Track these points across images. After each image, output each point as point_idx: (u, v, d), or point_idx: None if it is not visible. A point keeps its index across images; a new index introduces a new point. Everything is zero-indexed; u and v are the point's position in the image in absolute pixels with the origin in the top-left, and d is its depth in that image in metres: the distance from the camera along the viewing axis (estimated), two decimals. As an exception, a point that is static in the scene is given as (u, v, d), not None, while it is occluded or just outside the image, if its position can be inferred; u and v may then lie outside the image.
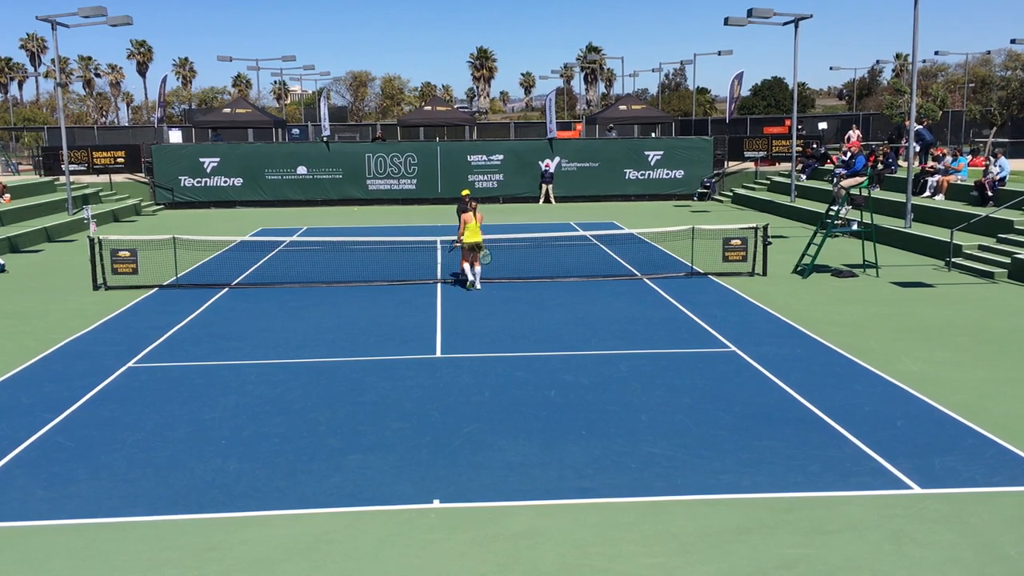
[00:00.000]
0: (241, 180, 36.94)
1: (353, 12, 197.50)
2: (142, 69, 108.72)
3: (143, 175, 37.50)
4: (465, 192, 20.97)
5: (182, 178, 36.75)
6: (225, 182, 36.97)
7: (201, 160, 36.88)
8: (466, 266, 18.20)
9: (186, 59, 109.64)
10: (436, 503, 8.14)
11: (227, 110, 47.23)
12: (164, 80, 41.82)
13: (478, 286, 18.15)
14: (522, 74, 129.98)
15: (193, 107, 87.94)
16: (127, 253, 19.07)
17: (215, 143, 39.52)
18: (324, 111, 41.35)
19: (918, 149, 27.20)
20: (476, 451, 9.36)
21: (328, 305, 16.90)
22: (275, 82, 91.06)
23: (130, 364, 12.92)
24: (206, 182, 36.92)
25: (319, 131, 41.75)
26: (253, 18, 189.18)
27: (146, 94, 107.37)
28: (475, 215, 18.10)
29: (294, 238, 24.06)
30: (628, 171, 37.83)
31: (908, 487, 8.35)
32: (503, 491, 8.37)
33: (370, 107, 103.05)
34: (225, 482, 8.65)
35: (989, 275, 18.76)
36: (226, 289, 18.58)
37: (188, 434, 9.99)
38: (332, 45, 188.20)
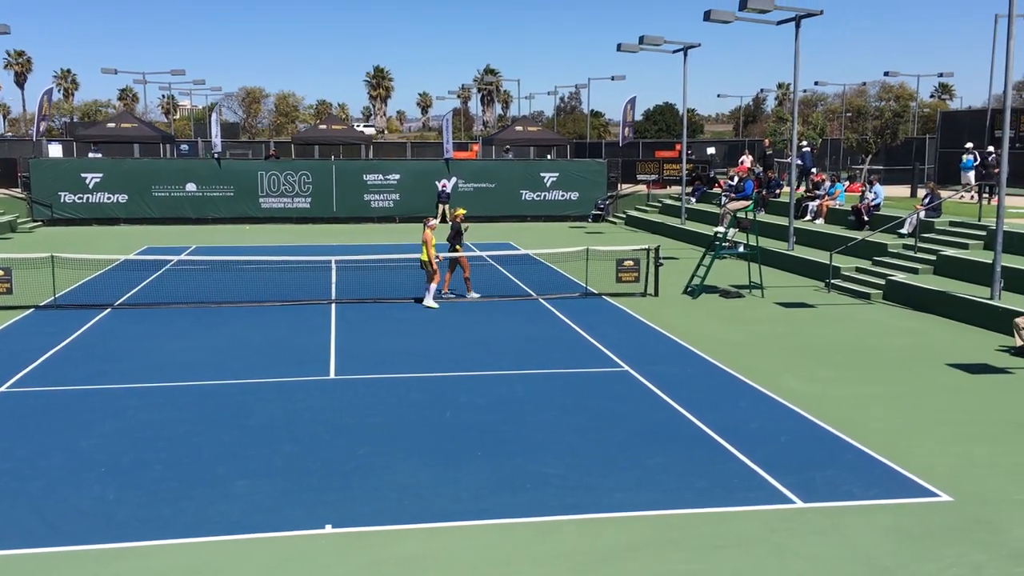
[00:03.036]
0: (126, 196, 35.62)
1: (246, 27, 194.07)
2: (20, 80, 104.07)
3: (20, 190, 35.77)
4: (460, 212, 20.47)
5: (62, 194, 35.20)
6: (109, 198, 35.59)
7: (83, 175, 35.43)
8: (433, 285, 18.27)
9: (68, 71, 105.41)
10: (328, 528, 7.97)
11: (112, 124, 45.63)
12: (48, 93, 40.10)
13: (433, 305, 18.15)
14: (419, 94, 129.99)
15: (75, 120, 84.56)
16: (1, 272, 18.12)
17: (94, 159, 38.00)
18: (215, 127, 40.39)
19: (798, 170, 28.55)
20: (369, 474, 9.22)
21: (217, 326, 16.43)
22: (163, 96, 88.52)
23: (1, 389, 12.24)
24: (88, 198, 35.47)
25: (210, 147, 40.74)
26: (140, 30, 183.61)
27: (24, 106, 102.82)
28: (428, 232, 18.09)
29: (182, 257, 23.34)
30: (524, 192, 38.19)
31: (791, 501, 8.63)
32: (397, 514, 8.26)
33: (263, 124, 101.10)
34: (104, 511, 8.26)
35: (866, 296, 19.65)
36: (108, 310, 17.85)
37: (64, 462, 9.52)
38: (224, 60, 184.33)
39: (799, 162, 31.96)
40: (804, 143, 34.00)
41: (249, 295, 19.23)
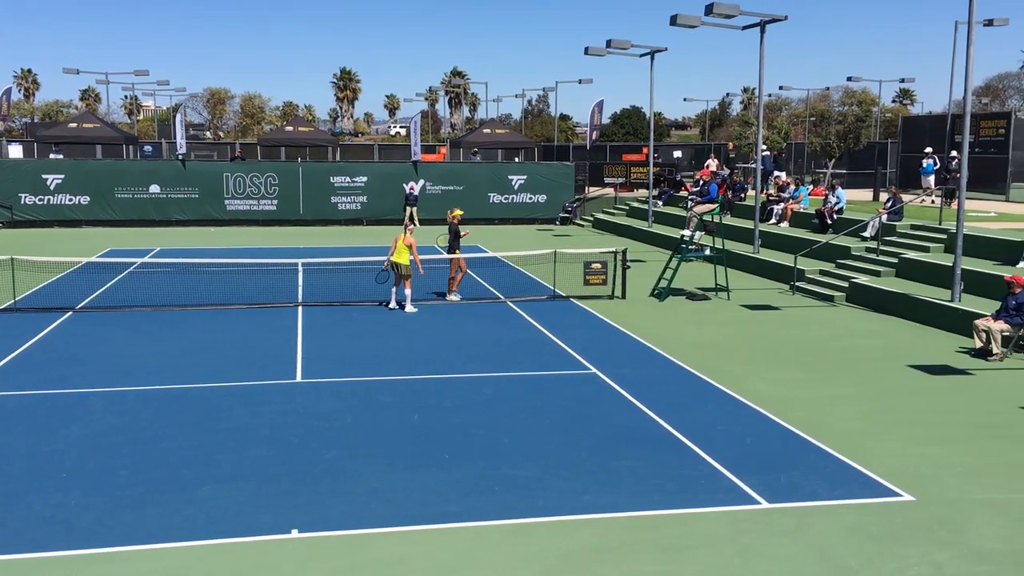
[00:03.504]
0: (88, 198, 35.11)
1: (211, 28, 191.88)
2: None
3: (-22, 191, 35.12)
4: (458, 212, 20.47)
5: (22, 195, 34.61)
6: (70, 200, 35.06)
7: (44, 177, 34.86)
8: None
9: (29, 70, 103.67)
10: (295, 533, 7.92)
11: (73, 124, 45.05)
12: (8, 92, 39.45)
13: (404, 308, 18.11)
14: (387, 96, 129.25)
15: (36, 121, 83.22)
16: (-41, 274, 17.80)
17: (55, 160, 37.43)
18: (180, 128, 39.96)
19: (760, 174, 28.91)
20: (338, 478, 9.18)
21: (182, 329, 16.26)
22: (126, 97, 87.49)
23: (-39, 394, 12.03)
24: (49, 200, 34.92)
25: (174, 148, 40.30)
26: (103, 30, 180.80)
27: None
28: (405, 237, 17.97)
29: (146, 259, 23.07)
30: (492, 195, 38.21)
31: (757, 502, 8.72)
32: (365, 518, 8.24)
33: (229, 125, 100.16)
34: (67, 518, 8.15)
35: (829, 298, 19.91)
36: (70, 313, 17.60)
37: (26, 468, 9.37)
38: (189, 61, 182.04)
39: (761, 166, 32.34)
40: (764, 147, 34.40)
41: (215, 298, 19.06)
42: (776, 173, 32.39)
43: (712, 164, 36.39)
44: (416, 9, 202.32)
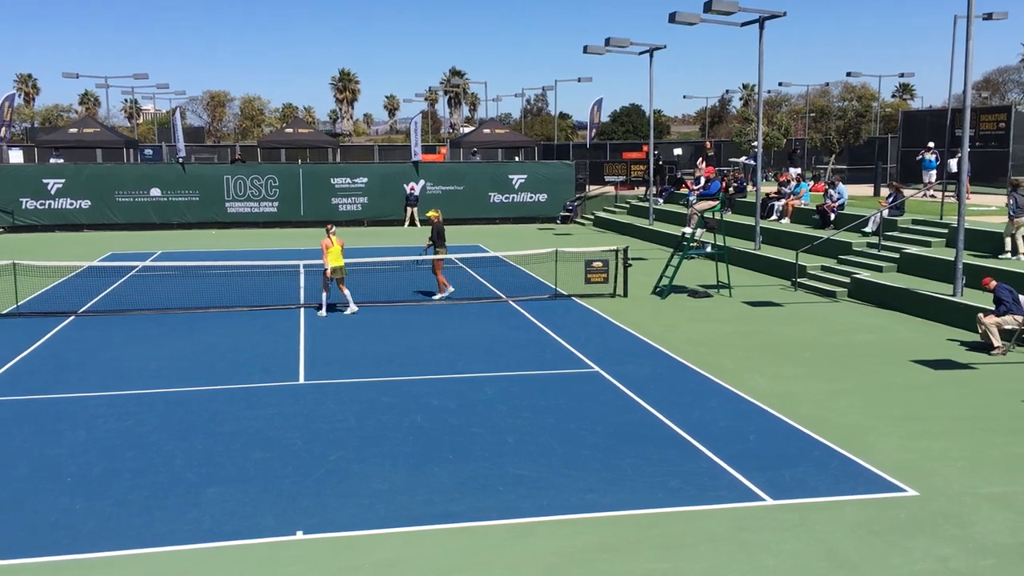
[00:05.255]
0: (89, 202, 35.17)
1: (210, 31, 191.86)
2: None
3: (-21, 197, 35.18)
4: (432, 213, 20.40)
5: (23, 200, 34.66)
6: (71, 204, 35.11)
7: (45, 181, 34.90)
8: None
9: (29, 75, 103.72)
10: (299, 535, 7.93)
11: (74, 129, 45.06)
12: (10, 98, 39.42)
13: (347, 310, 17.93)
14: (386, 97, 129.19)
15: (36, 126, 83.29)
16: (-39, 280, 17.82)
17: (55, 164, 37.46)
18: (179, 131, 40.00)
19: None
20: (341, 479, 9.19)
21: (184, 332, 16.28)
22: (126, 101, 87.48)
23: (-36, 399, 12.05)
24: (50, 204, 34.96)
25: (174, 152, 40.33)
26: (101, 34, 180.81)
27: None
28: (334, 239, 17.85)
29: (147, 263, 23.07)
30: (492, 194, 38.21)
31: (761, 499, 8.72)
32: (369, 519, 8.25)
33: (229, 128, 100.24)
34: (72, 522, 8.17)
35: (831, 294, 19.90)
36: (72, 317, 17.62)
37: (30, 472, 9.39)
38: (188, 64, 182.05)
39: (752, 162, 32.34)
40: (754, 144, 34.39)
41: (216, 301, 19.08)
42: (791, 169, 32.38)
43: (702, 164, 36.31)
44: (415, 9, 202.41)
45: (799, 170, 32.45)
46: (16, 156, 43.69)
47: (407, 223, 36.96)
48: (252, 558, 7.53)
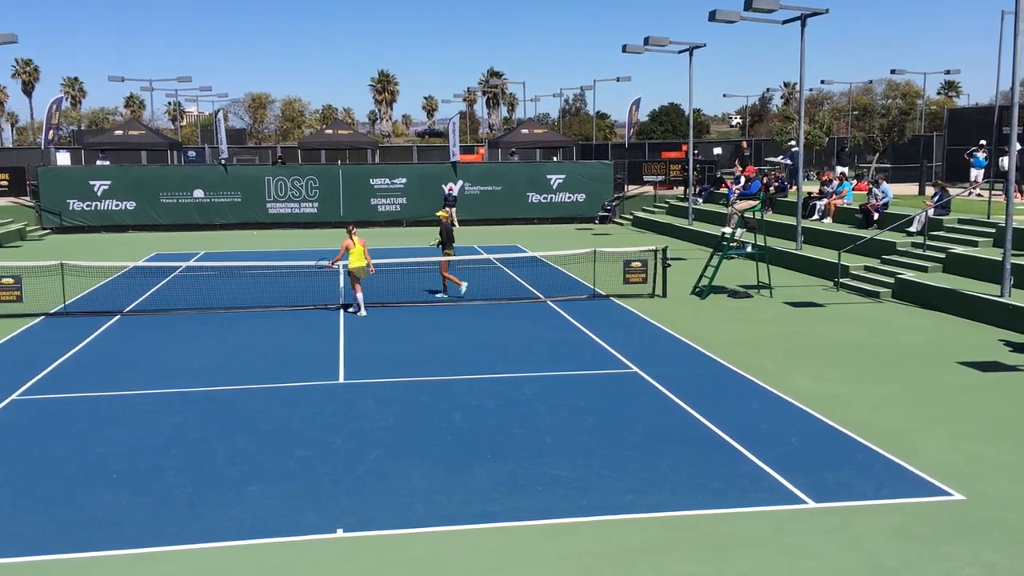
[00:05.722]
0: (134, 203, 35.79)
1: (251, 33, 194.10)
2: (28, 89, 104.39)
3: (28, 198, 35.96)
4: (441, 213, 20.64)
5: (71, 201, 35.38)
6: (117, 205, 35.76)
7: (91, 183, 35.59)
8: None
9: (75, 79, 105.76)
10: (339, 533, 8.00)
11: (119, 132, 45.85)
12: (58, 102, 40.22)
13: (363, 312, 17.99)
14: (424, 97, 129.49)
15: (83, 128, 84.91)
16: (11, 280, 18.21)
17: (102, 166, 38.17)
18: (222, 133, 40.54)
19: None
20: (381, 478, 9.25)
21: (226, 332, 16.49)
22: (170, 103, 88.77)
23: (13, 397, 12.31)
24: (96, 206, 35.64)
25: (216, 153, 40.88)
26: (146, 38, 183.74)
27: (32, 115, 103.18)
28: (355, 240, 17.95)
29: (190, 263, 23.43)
30: (531, 194, 38.20)
31: (803, 502, 8.62)
32: (408, 518, 8.29)
33: (270, 129, 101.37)
34: (117, 518, 8.31)
35: (875, 295, 19.61)
36: (118, 316, 17.93)
37: (77, 469, 9.57)
38: (230, 66, 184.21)
39: (788, 161, 31.97)
40: (792, 143, 34.01)
41: (257, 300, 19.30)
42: (838, 168, 31.96)
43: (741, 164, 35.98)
44: (453, 10, 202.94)
45: (846, 169, 32.00)
46: (63, 158, 44.56)
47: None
48: (294, 554, 7.60)
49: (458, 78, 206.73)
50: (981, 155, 30.17)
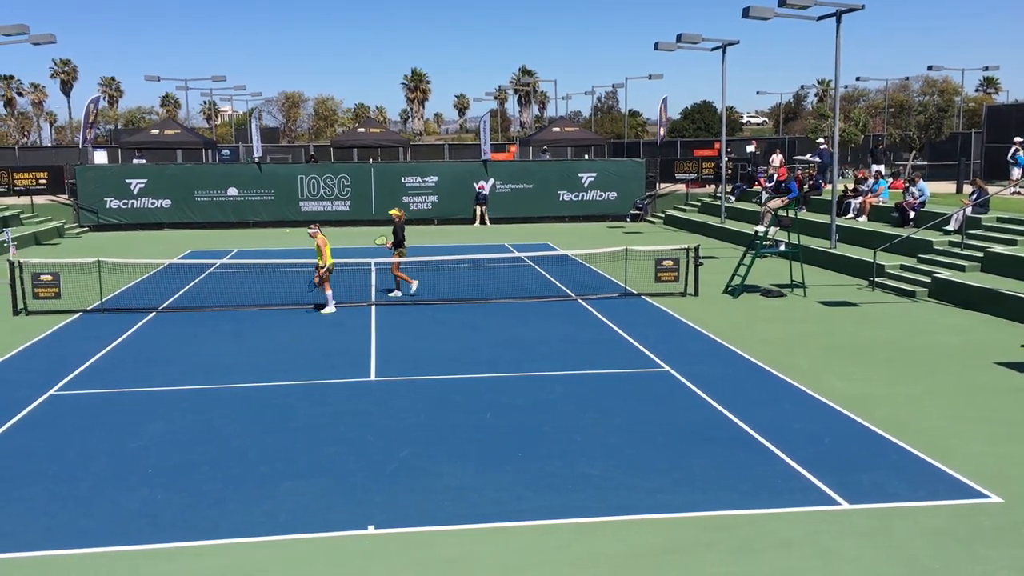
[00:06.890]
0: (170, 202, 36.23)
1: (285, 33, 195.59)
2: (66, 88, 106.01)
3: (66, 196, 36.53)
4: (394, 212, 20.67)
5: (108, 199, 35.88)
6: (153, 203, 36.22)
7: (128, 181, 36.08)
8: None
9: (112, 78, 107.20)
10: (371, 529, 8.03)
11: (155, 131, 46.42)
12: (95, 101, 40.79)
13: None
14: (456, 96, 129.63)
15: (119, 127, 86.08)
16: (49, 277, 18.51)
17: (138, 165, 38.67)
18: (256, 132, 40.89)
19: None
20: (412, 475, 9.28)
21: (259, 329, 16.63)
22: (205, 102, 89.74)
23: (52, 392, 12.51)
24: (133, 204, 36.12)
25: (250, 152, 41.24)
26: (182, 38, 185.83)
27: (70, 114, 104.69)
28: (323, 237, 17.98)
29: (224, 261, 23.66)
30: (562, 193, 38.14)
31: (836, 503, 8.53)
32: (438, 515, 8.31)
33: (303, 128, 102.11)
34: (152, 512, 8.41)
35: (911, 294, 19.35)
36: (153, 313, 18.16)
37: (113, 463, 9.70)
38: (263, 66, 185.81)
39: (817, 159, 31.61)
40: (821, 140, 33.60)
41: (289, 298, 19.44)
42: (873, 166, 31.57)
43: (776, 159, 35.65)
44: (485, 9, 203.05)
45: (881, 167, 31.58)
46: (101, 157, 45.13)
47: (477, 222, 37.13)
48: (325, 550, 7.65)
49: (490, 76, 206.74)
50: (1023, 153, 29.67)
